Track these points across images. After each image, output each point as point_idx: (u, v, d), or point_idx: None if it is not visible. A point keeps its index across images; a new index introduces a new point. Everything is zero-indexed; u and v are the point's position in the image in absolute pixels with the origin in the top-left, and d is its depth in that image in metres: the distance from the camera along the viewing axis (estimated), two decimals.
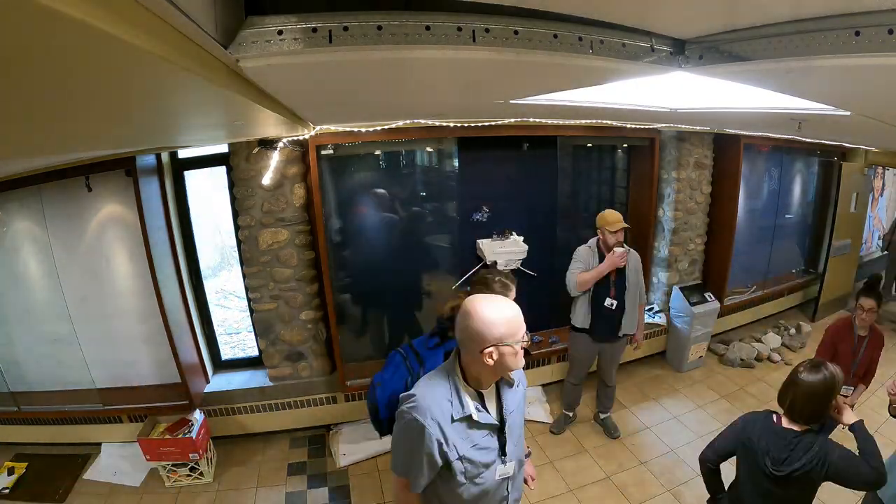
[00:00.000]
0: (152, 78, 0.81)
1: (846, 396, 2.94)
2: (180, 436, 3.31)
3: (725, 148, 4.71)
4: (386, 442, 3.48)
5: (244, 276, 3.65)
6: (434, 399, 1.48)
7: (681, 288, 4.78)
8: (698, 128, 4.14)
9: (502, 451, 1.59)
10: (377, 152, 3.66)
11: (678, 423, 4.04)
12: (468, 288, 2.59)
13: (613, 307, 3.40)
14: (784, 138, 4.63)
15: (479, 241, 3.94)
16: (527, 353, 2.07)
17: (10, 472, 3.45)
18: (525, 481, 1.95)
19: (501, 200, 3.98)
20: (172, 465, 3.34)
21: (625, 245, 3.40)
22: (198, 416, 3.46)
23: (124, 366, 3.51)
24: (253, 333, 3.91)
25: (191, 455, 3.30)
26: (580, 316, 3.51)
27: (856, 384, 3.04)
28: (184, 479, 3.39)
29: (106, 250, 3.27)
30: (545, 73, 1.43)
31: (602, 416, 3.93)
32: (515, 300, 1.70)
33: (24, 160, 2.44)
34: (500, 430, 1.58)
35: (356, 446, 3.67)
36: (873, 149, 5.44)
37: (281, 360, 3.78)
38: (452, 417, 1.48)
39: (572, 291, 3.48)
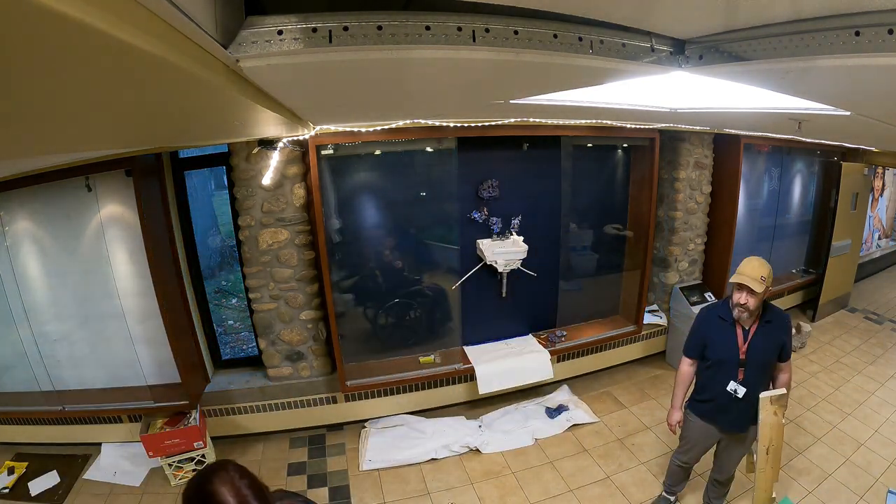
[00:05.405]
0: (151, 78, 0.80)
1: None
2: (181, 426, 3.32)
3: (725, 148, 4.71)
4: (411, 454, 3.55)
5: (244, 277, 3.65)
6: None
7: (681, 288, 4.78)
8: (698, 128, 4.14)
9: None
10: (377, 152, 3.66)
11: None
12: None
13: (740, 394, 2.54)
14: (784, 138, 4.63)
15: (478, 241, 3.94)
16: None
17: (11, 471, 3.45)
18: None
19: (501, 200, 3.98)
20: (178, 462, 3.34)
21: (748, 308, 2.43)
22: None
23: (124, 366, 3.51)
24: (253, 333, 3.91)
25: (196, 444, 3.31)
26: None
27: None
28: (191, 475, 3.38)
29: (106, 250, 3.27)
30: (545, 73, 1.43)
31: None
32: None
33: (23, 160, 2.44)
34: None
35: (383, 454, 3.65)
36: (873, 149, 5.43)
37: (281, 360, 3.78)
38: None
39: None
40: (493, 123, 3.28)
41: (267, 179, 3.32)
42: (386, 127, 3.05)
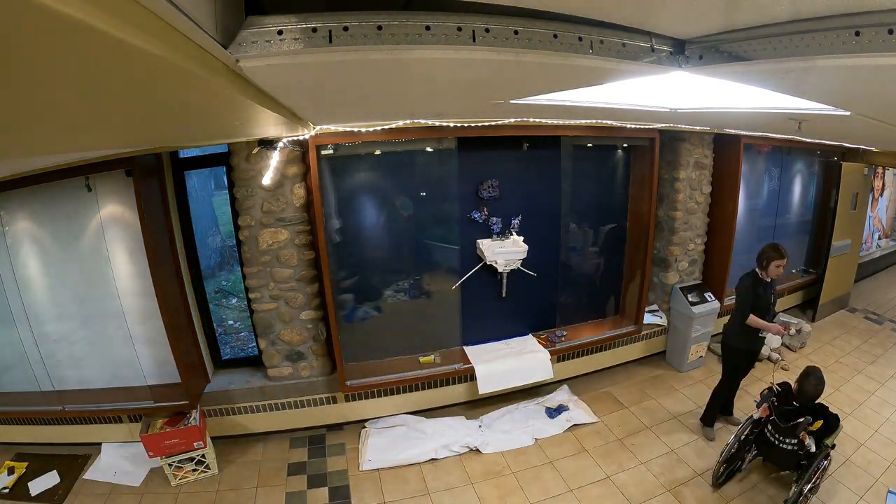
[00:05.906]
0: (151, 78, 0.80)
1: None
2: (181, 426, 3.32)
3: (725, 148, 4.71)
4: (411, 454, 3.56)
5: (244, 277, 3.65)
6: None
7: (681, 288, 4.78)
8: (698, 128, 4.14)
9: None
10: (377, 152, 3.66)
11: (678, 423, 4.04)
12: None
13: None
14: (784, 138, 4.63)
15: (478, 241, 3.94)
16: None
17: (11, 471, 3.45)
18: None
19: (501, 200, 3.98)
20: (178, 462, 3.34)
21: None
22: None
23: (124, 366, 3.51)
24: (253, 333, 3.91)
25: (196, 444, 3.32)
26: None
27: None
28: (191, 475, 3.39)
29: (106, 250, 3.27)
30: (545, 73, 1.43)
31: None
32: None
33: (23, 161, 2.44)
34: None
35: (384, 455, 3.65)
36: (873, 149, 5.43)
37: (281, 360, 3.78)
38: None
39: None
40: (493, 123, 3.28)
41: (267, 179, 3.32)
42: (386, 127, 3.05)
